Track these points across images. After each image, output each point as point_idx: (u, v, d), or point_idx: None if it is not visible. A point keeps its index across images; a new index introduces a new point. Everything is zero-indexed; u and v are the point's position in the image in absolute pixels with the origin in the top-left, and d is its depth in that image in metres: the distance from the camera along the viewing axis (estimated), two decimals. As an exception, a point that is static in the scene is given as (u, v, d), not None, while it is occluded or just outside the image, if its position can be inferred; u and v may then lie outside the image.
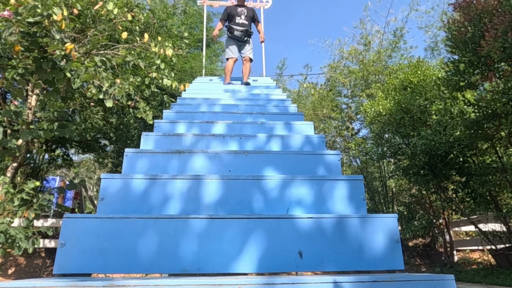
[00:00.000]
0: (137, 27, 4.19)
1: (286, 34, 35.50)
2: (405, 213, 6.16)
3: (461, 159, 5.05)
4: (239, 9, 5.15)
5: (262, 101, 3.81)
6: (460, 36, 3.93)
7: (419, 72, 5.91)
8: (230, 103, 3.61)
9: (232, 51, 4.99)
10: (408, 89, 5.94)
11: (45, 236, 4.46)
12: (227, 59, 5.02)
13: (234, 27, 5.00)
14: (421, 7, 11.31)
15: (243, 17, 5.09)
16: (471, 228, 5.98)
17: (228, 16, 5.14)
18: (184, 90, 4.25)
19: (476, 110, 4.09)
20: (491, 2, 3.64)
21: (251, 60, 5.04)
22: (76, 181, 3.88)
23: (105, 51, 3.95)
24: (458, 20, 4.02)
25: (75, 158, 9.57)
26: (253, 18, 5.23)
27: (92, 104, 5.53)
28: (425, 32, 11.25)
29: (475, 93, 4.53)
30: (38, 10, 2.90)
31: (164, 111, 3.26)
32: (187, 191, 1.81)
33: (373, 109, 6.32)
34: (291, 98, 8.63)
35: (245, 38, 5.02)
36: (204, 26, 7.42)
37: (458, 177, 5.31)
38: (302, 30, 35.53)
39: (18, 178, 5.77)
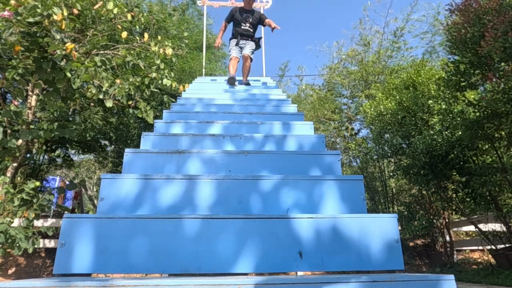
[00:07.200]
0: (137, 27, 4.19)
1: (286, 36, 35.54)
2: (405, 213, 6.16)
3: (461, 159, 5.05)
4: (245, 14, 5.05)
5: (262, 101, 3.80)
6: (460, 37, 3.93)
7: (422, 71, 5.91)
8: (229, 103, 3.61)
9: (234, 52, 4.98)
10: (411, 88, 5.93)
11: (45, 236, 4.45)
12: (230, 58, 4.99)
13: (238, 34, 4.98)
14: (415, 15, 11.37)
15: (248, 24, 5.01)
16: (471, 228, 5.98)
17: (233, 19, 5.09)
18: (184, 90, 4.24)
19: (476, 110, 4.09)
20: (491, 3, 3.64)
21: (251, 59, 4.98)
22: (76, 181, 3.88)
23: (105, 51, 3.94)
24: (457, 22, 4.01)
25: (75, 158, 9.57)
26: (259, 21, 5.14)
27: (92, 104, 5.53)
28: (420, 39, 11.30)
29: (477, 93, 4.52)
30: (38, 10, 2.90)
31: (164, 111, 3.25)
32: (187, 191, 1.81)
33: (373, 109, 6.31)
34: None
35: (248, 43, 5.00)
36: (204, 26, 7.42)
37: (458, 177, 5.31)
38: (302, 31, 35.56)
39: (18, 178, 5.77)
